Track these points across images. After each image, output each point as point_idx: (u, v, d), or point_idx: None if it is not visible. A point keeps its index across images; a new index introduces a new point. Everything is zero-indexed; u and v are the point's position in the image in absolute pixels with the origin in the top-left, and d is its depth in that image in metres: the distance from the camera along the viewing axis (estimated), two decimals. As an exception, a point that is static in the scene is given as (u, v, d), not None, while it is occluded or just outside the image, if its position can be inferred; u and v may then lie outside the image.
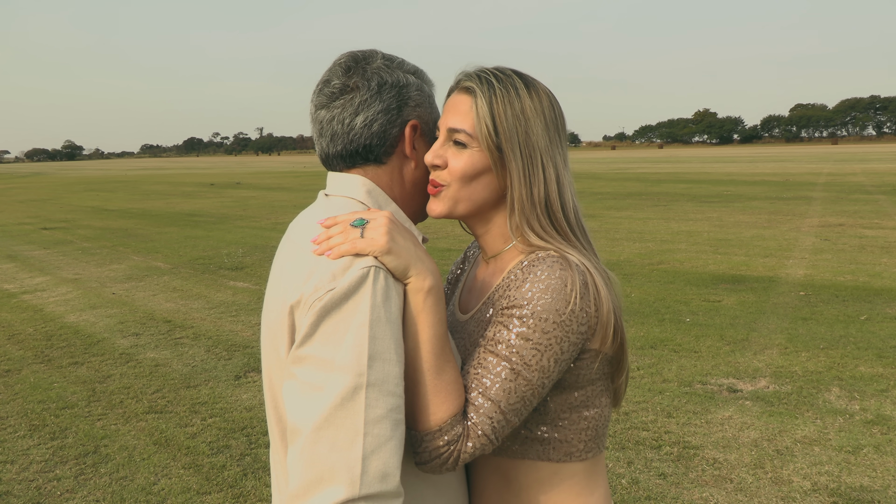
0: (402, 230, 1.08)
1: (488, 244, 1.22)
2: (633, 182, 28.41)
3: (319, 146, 1.21)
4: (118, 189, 34.37)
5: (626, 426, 4.09)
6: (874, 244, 10.43)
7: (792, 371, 4.94)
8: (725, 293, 7.44)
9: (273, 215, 17.85)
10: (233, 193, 27.84)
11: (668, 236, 11.99)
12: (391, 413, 0.98)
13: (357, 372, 0.96)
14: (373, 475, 0.94)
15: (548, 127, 1.15)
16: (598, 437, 1.19)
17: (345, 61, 1.19)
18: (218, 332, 6.48)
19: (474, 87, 1.15)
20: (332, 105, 1.17)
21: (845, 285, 7.63)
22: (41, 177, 59.59)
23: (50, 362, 5.73)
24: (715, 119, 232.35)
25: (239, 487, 3.53)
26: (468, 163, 1.14)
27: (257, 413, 4.48)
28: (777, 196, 19.37)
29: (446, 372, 1.05)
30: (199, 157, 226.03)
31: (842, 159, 50.01)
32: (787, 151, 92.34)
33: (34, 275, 10.08)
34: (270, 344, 1.12)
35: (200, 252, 11.66)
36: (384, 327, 0.99)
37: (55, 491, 3.56)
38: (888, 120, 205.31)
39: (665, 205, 17.74)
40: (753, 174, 31.87)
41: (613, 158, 77.69)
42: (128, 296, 8.31)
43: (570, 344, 1.07)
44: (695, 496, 3.31)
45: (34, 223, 17.77)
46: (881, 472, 3.47)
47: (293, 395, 1.01)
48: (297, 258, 1.10)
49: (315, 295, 1.01)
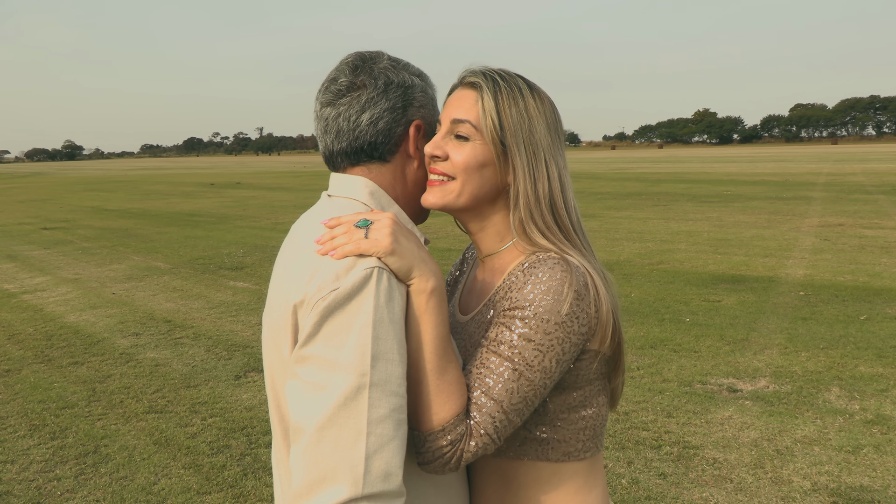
0: (406, 232, 1.09)
1: (483, 242, 1.22)
2: (632, 182, 28.42)
3: (323, 143, 1.21)
4: (118, 189, 34.38)
5: (626, 426, 4.09)
6: (874, 244, 10.43)
7: (792, 371, 4.94)
8: (725, 293, 7.45)
9: (273, 215, 17.85)
10: (233, 193, 27.85)
11: (668, 236, 12.00)
12: (394, 413, 0.98)
13: (360, 372, 0.97)
14: (375, 475, 0.95)
15: (549, 128, 1.17)
16: (596, 436, 1.20)
17: (352, 60, 1.20)
18: (218, 332, 6.48)
19: (480, 82, 1.16)
20: (339, 102, 1.18)
21: (845, 285, 7.63)
22: (41, 177, 59.60)
23: (50, 362, 5.73)
24: (715, 119, 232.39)
25: (239, 487, 3.53)
26: (471, 155, 1.14)
27: (257, 413, 4.48)
28: (777, 196, 19.38)
29: (449, 372, 1.06)
30: (199, 157, 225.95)
31: (842, 159, 50.02)
32: (786, 151, 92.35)
33: (34, 275, 10.08)
34: (273, 343, 1.12)
35: (200, 252, 11.66)
36: (387, 328, 1.00)
37: (55, 491, 3.56)
38: (888, 120, 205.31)
39: (665, 205, 17.74)
40: (753, 174, 31.88)
41: (613, 158, 77.70)
42: (128, 296, 8.32)
43: (572, 344, 1.08)
44: (695, 496, 3.31)
45: (34, 223, 17.77)
46: (881, 472, 3.48)
47: (296, 394, 1.01)
48: (300, 258, 1.10)
49: (318, 295, 1.01)
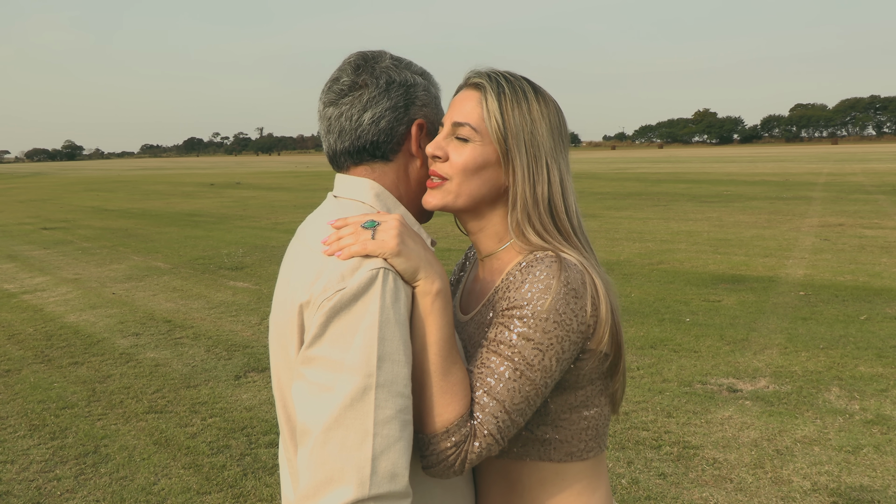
0: (412, 234, 1.09)
1: (482, 243, 1.23)
2: (632, 182, 28.42)
3: (327, 143, 1.22)
4: (118, 189, 34.37)
5: (626, 426, 4.09)
6: (874, 244, 10.43)
7: (792, 371, 4.94)
8: (725, 293, 7.45)
9: (273, 215, 17.83)
10: (233, 193, 27.85)
11: (667, 236, 12.00)
12: (400, 414, 0.98)
13: (366, 373, 0.97)
14: (382, 475, 0.95)
15: (552, 132, 1.17)
16: (599, 436, 1.20)
17: (354, 60, 1.20)
18: (218, 332, 6.48)
19: (484, 83, 1.16)
20: (341, 102, 1.18)
21: (845, 285, 7.63)
22: (41, 177, 59.60)
23: (50, 362, 5.73)
24: (715, 119, 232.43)
25: (239, 487, 3.53)
26: (470, 156, 1.15)
27: (257, 413, 4.48)
28: (777, 196, 19.38)
29: (453, 373, 1.06)
30: (199, 157, 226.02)
31: (842, 159, 50.03)
32: (787, 151, 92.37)
33: (34, 275, 10.08)
34: (279, 344, 1.12)
35: (200, 252, 11.66)
36: (393, 328, 1.00)
37: (55, 491, 3.56)
38: (888, 120, 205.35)
39: (665, 205, 17.74)
40: (753, 174, 31.88)
41: (613, 158, 77.71)
42: (128, 296, 8.32)
43: (571, 343, 1.08)
44: (695, 496, 3.31)
45: (34, 223, 17.77)
46: (881, 472, 3.48)
47: (303, 395, 1.01)
48: (306, 258, 1.10)
49: (324, 295, 1.01)
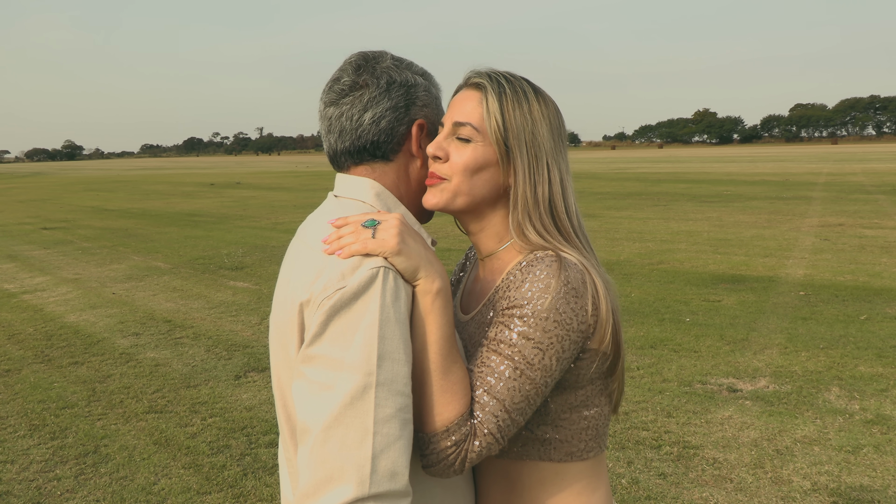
0: (413, 233, 1.09)
1: (482, 243, 1.23)
2: (632, 182, 28.42)
3: (327, 143, 1.22)
4: (118, 189, 34.37)
5: (626, 426, 4.09)
6: (874, 244, 10.43)
7: (792, 371, 4.94)
8: (725, 293, 7.45)
9: (273, 215, 17.82)
10: (233, 193, 27.84)
11: (667, 236, 11.99)
12: (400, 412, 0.98)
13: (366, 371, 0.97)
14: (382, 474, 0.95)
15: (553, 132, 1.17)
16: (599, 436, 1.20)
17: (355, 60, 1.20)
18: (218, 331, 6.48)
19: (485, 83, 1.16)
20: (342, 102, 1.18)
21: (845, 285, 7.63)
22: (41, 177, 59.60)
23: (50, 362, 5.73)
24: (715, 119, 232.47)
25: (239, 487, 3.53)
26: (471, 157, 1.15)
27: (257, 413, 4.48)
28: (777, 196, 19.38)
29: (453, 372, 1.06)
30: (199, 157, 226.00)
31: (842, 159, 50.03)
32: (786, 151, 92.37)
33: (34, 275, 10.08)
34: (279, 343, 1.12)
35: (200, 252, 11.66)
36: (393, 327, 1.00)
37: (55, 491, 3.56)
38: (888, 120, 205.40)
39: (665, 205, 17.74)
40: (753, 174, 31.88)
41: (613, 158, 77.70)
42: (128, 296, 8.32)
43: (571, 342, 1.08)
44: (695, 496, 3.31)
45: (34, 223, 17.77)
46: (881, 472, 3.48)
47: (303, 394, 1.01)
48: (307, 257, 1.10)
49: (324, 293, 1.01)
